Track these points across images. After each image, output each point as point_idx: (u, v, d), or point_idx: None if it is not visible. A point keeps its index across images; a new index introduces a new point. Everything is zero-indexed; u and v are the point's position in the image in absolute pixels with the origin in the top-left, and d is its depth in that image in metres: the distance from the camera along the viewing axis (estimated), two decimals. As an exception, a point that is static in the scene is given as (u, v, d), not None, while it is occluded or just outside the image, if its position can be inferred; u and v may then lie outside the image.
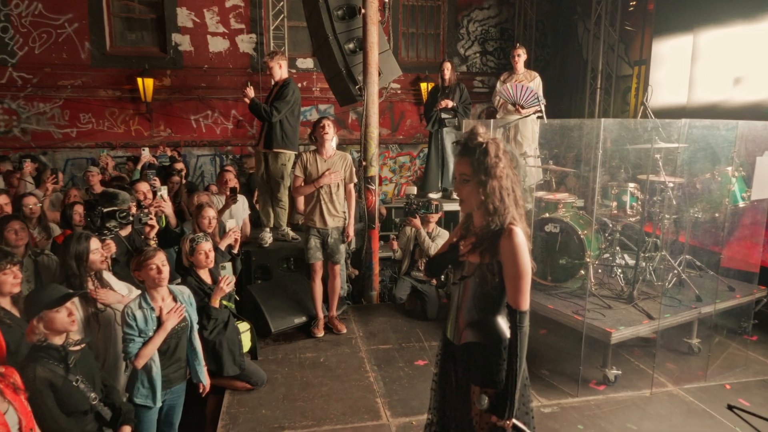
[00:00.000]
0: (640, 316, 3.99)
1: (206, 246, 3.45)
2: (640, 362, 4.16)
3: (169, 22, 8.86)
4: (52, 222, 4.71)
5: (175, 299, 2.99)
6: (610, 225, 4.62)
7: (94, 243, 3.10)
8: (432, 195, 6.66)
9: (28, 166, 6.09)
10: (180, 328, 2.98)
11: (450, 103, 6.29)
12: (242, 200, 5.58)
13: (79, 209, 4.44)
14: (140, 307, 2.84)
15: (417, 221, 5.18)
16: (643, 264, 4.44)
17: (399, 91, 9.85)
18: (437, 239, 5.21)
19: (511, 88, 5.63)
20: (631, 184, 4.43)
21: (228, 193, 4.96)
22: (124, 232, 3.74)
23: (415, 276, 5.27)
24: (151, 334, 2.83)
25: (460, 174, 2.02)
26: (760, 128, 4.04)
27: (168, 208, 4.37)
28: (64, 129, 8.72)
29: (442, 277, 5.39)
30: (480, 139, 1.97)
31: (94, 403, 2.48)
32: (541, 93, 5.93)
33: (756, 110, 5.53)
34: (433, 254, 2.33)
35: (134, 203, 4.04)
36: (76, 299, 2.80)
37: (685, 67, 6.60)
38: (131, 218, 3.69)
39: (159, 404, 2.88)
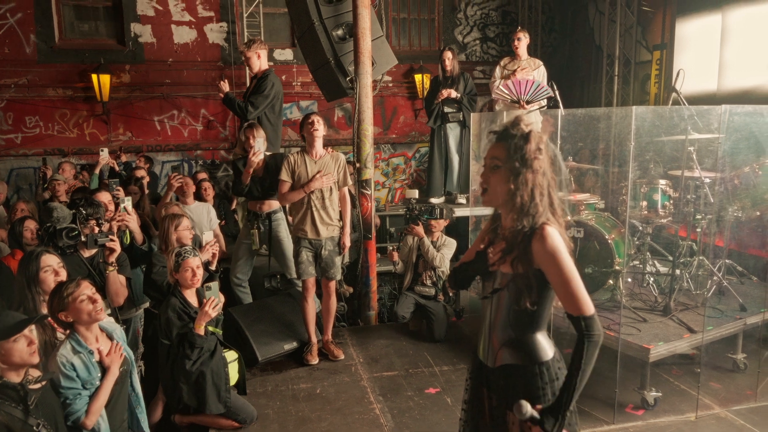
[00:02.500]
0: (680, 329, 3.99)
1: (194, 262, 3.38)
2: (681, 382, 4.15)
3: (127, 10, 8.79)
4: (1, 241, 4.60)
5: (110, 337, 2.81)
6: (640, 228, 4.63)
7: (49, 260, 2.97)
8: (433, 200, 6.63)
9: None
10: (123, 370, 2.81)
11: (453, 93, 6.29)
12: (207, 208, 5.50)
13: (29, 225, 4.33)
14: (76, 352, 2.62)
15: (420, 229, 5.14)
16: (678, 271, 4.44)
17: (391, 84, 9.87)
18: (443, 249, 5.17)
19: (513, 86, 5.65)
20: (662, 181, 4.45)
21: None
22: (87, 253, 3.65)
23: (419, 291, 5.22)
24: (96, 383, 2.63)
25: (492, 158, 1.96)
26: (806, 114, 4.08)
27: (133, 222, 4.27)
28: (7, 135, 8.57)
29: (451, 292, 5.36)
30: (524, 127, 1.94)
31: None
32: (545, 83, 5.96)
33: (795, 96, 5.62)
34: (458, 263, 2.28)
35: (93, 221, 3.90)
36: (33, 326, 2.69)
37: (713, 49, 6.69)
38: (82, 238, 3.58)
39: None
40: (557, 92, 4.81)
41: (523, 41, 6.22)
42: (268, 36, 9.08)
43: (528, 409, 1.84)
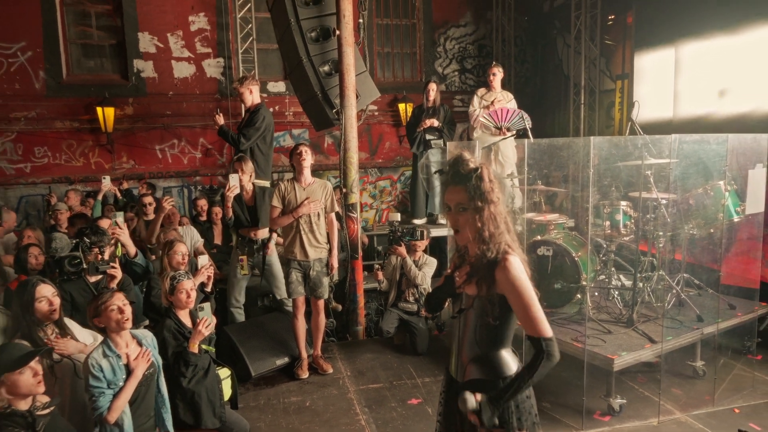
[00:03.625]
0: (642, 339, 4.03)
1: (188, 284, 3.40)
2: (645, 389, 4.18)
3: (131, 48, 8.85)
4: (7, 266, 4.58)
5: (139, 344, 2.94)
6: (604, 245, 4.70)
7: (43, 290, 3.00)
8: (416, 221, 6.68)
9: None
10: (149, 373, 2.93)
11: (435, 122, 6.39)
12: (190, 232, 5.47)
13: (33, 251, 4.32)
14: (105, 356, 2.77)
15: (402, 249, 5.17)
16: (641, 285, 4.50)
17: (376, 113, 9.96)
18: (424, 267, 5.21)
19: (495, 114, 5.77)
20: (623, 203, 4.53)
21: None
22: (93, 278, 3.65)
23: (403, 307, 5.25)
24: (120, 384, 2.76)
25: (457, 204, 1.99)
26: (750, 141, 4.19)
27: (124, 235, 4.22)
28: (17, 164, 8.54)
29: (428, 316, 5.37)
30: (472, 165, 1.98)
31: None
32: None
33: (742, 122, 5.75)
34: (432, 289, 2.33)
35: (96, 249, 3.89)
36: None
37: (668, 80, 6.85)
38: (85, 266, 3.59)
39: (133, 459, 2.79)
40: (529, 124, 4.91)
41: (498, 75, 6.35)
42: (262, 70, 9.17)
43: (471, 401, 1.89)
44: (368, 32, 9.15)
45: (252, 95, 5.40)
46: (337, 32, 5.22)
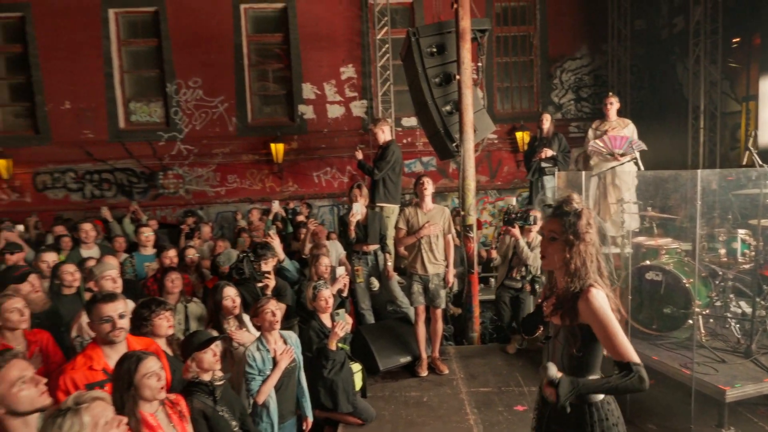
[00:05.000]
0: (761, 372, 3.45)
1: (326, 293, 3.67)
2: (765, 423, 3.56)
3: (296, 96, 9.76)
4: (205, 269, 5.30)
5: (285, 342, 3.20)
6: (720, 273, 4.11)
7: (228, 291, 3.38)
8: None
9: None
10: (291, 367, 3.17)
11: (549, 152, 6.15)
12: (335, 246, 5.76)
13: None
14: (258, 349, 3.08)
15: (516, 231, 4.94)
16: (763, 313, 3.86)
17: (496, 141, 9.78)
18: (536, 249, 4.96)
19: (608, 141, 5.36)
20: (742, 231, 3.93)
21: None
22: (260, 284, 4.09)
23: (509, 285, 5.08)
24: (268, 373, 3.04)
25: (550, 231, 1.96)
26: None
27: (275, 243, 4.57)
28: (216, 188, 9.87)
29: (524, 338, 5.09)
30: (576, 205, 1.93)
31: (235, 430, 2.70)
32: (636, 138, 5.56)
33: None
34: (526, 315, 2.30)
35: (262, 259, 4.15)
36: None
37: (801, 102, 5.79)
38: (246, 274, 4.02)
39: (277, 435, 3.05)
40: (637, 152, 4.49)
41: (614, 105, 5.88)
42: (397, 107, 9.52)
43: (553, 372, 1.81)
44: (488, 69, 9.04)
45: (384, 134, 5.67)
46: (457, 77, 5.27)
